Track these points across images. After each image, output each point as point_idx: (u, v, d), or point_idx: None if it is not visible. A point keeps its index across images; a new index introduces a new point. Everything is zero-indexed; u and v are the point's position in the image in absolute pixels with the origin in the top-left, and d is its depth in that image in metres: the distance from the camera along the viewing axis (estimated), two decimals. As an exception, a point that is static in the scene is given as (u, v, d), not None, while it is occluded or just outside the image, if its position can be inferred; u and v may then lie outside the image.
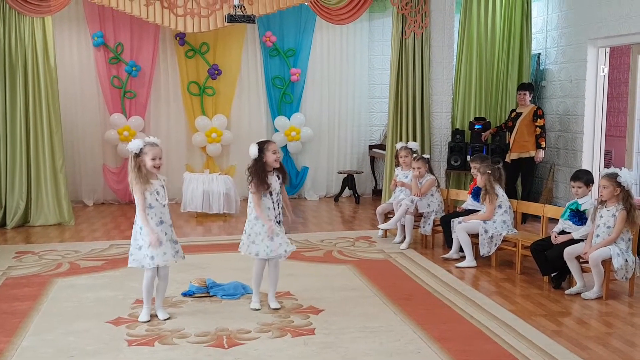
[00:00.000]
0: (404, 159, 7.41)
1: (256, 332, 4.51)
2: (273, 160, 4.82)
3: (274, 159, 4.83)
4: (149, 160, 4.59)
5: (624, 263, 5.21)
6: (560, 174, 8.84)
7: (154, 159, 4.59)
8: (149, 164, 4.59)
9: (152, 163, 4.59)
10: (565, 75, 8.81)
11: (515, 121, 8.45)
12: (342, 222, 8.74)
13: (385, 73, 10.23)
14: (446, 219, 6.84)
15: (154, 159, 4.59)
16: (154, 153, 4.60)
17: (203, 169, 9.80)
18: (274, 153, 4.83)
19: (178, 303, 5.16)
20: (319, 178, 10.72)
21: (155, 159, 4.60)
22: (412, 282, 5.83)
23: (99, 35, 9.51)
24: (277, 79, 10.29)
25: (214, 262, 6.40)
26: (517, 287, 5.74)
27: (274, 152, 4.84)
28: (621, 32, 7.67)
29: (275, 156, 4.83)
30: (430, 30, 8.82)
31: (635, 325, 4.76)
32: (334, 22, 8.81)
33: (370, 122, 10.88)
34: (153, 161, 4.59)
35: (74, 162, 9.72)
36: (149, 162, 4.59)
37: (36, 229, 8.14)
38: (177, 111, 10.09)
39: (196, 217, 8.81)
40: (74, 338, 4.42)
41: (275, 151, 4.85)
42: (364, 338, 4.41)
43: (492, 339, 4.40)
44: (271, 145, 4.85)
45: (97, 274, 6.06)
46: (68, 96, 9.38)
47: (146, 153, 4.59)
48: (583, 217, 5.61)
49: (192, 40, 9.83)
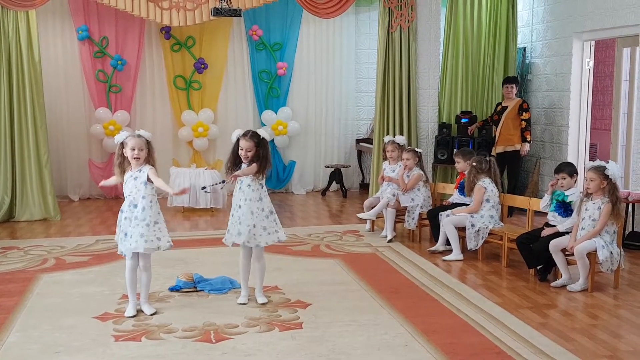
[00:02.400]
0: (391, 153, 7.43)
1: (244, 327, 4.51)
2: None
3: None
4: (129, 151, 4.64)
5: (609, 255, 5.25)
6: (545, 167, 8.89)
7: (132, 149, 4.62)
8: (128, 154, 4.65)
9: (130, 153, 4.64)
10: (550, 69, 8.86)
11: (500, 115, 8.49)
12: (329, 216, 8.74)
13: (372, 67, 10.23)
14: (433, 212, 6.86)
15: (133, 149, 4.62)
16: (132, 144, 4.63)
17: (190, 163, 9.77)
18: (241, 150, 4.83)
19: (165, 298, 5.15)
20: (306, 172, 10.71)
21: (134, 149, 4.62)
22: (399, 275, 5.85)
23: (83, 29, 9.43)
24: (263, 72, 10.26)
25: (201, 256, 6.38)
26: (503, 279, 5.78)
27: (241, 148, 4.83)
28: (606, 25, 7.71)
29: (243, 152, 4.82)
30: (416, 23, 8.82)
31: (621, 317, 4.80)
32: (320, 15, 8.79)
33: (357, 116, 10.88)
34: (132, 152, 4.63)
35: (59, 157, 9.65)
36: (129, 153, 4.64)
37: (21, 224, 8.08)
38: (163, 105, 10.04)
39: (183, 211, 8.78)
40: (60, 334, 4.40)
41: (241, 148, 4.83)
42: (352, 332, 4.42)
43: (479, 332, 4.43)
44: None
45: (83, 269, 6.02)
46: (53, 91, 9.30)
47: (126, 144, 4.65)
48: (569, 208, 5.64)
49: (178, 34, 9.77)
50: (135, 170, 4.67)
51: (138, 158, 4.64)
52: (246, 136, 4.81)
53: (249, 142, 4.79)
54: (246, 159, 4.80)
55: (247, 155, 4.78)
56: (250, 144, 4.78)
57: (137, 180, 4.65)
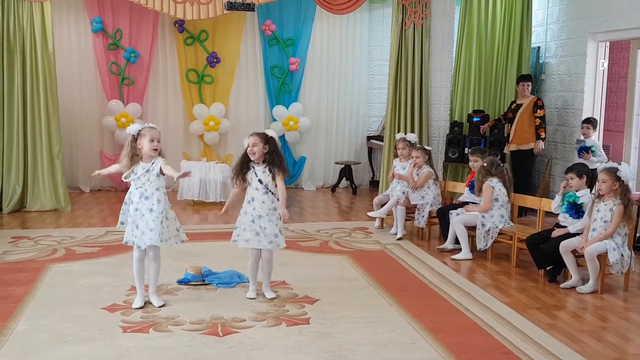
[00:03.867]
0: (402, 151, 7.42)
1: (251, 321, 4.51)
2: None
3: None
4: (147, 142, 4.53)
5: (620, 257, 5.21)
6: (557, 167, 8.84)
7: (152, 140, 4.54)
8: (146, 147, 4.54)
9: (150, 145, 4.53)
10: (564, 69, 8.80)
11: (515, 112, 8.45)
12: (338, 213, 8.74)
13: (384, 64, 10.20)
14: (443, 210, 6.84)
15: (152, 140, 4.54)
16: (152, 135, 4.55)
17: (200, 157, 9.79)
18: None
19: (173, 290, 5.16)
20: (316, 168, 10.71)
21: (153, 140, 4.54)
22: (407, 273, 5.83)
23: (97, 21, 9.46)
24: (276, 68, 10.26)
25: (209, 250, 6.39)
26: (512, 280, 5.75)
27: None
28: (621, 26, 7.65)
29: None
30: (430, 21, 8.79)
31: (630, 319, 4.77)
32: (334, 11, 8.77)
33: (369, 113, 10.86)
34: (151, 143, 4.53)
35: (71, 148, 9.70)
36: (147, 145, 4.53)
37: (32, 214, 8.13)
38: (175, 99, 10.06)
39: (193, 205, 8.80)
40: (68, 324, 4.42)
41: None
42: (359, 328, 4.42)
43: (487, 331, 4.41)
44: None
45: (92, 260, 6.05)
46: (66, 82, 9.35)
47: (144, 135, 4.54)
48: (580, 210, 5.61)
49: (191, 28, 9.79)
50: (148, 163, 4.63)
51: (156, 149, 4.59)
52: (252, 134, 4.82)
53: (254, 137, 4.78)
54: (252, 155, 4.79)
55: (254, 151, 4.75)
56: (255, 138, 4.77)
57: (151, 173, 4.59)
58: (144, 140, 4.55)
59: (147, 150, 4.56)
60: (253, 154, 4.77)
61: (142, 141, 4.55)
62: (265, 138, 4.79)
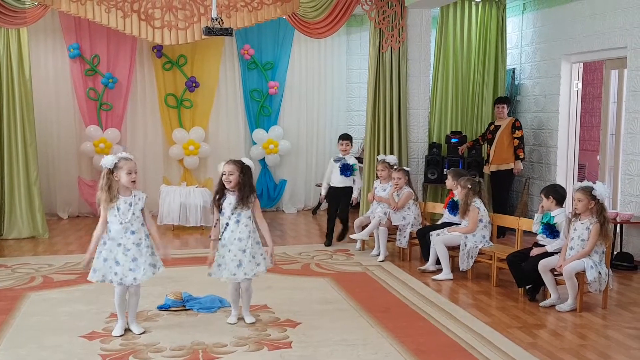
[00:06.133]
0: (381, 172, 7.46)
1: (232, 346, 4.48)
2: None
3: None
4: (125, 175, 4.49)
5: (598, 275, 5.27)
6: (534, 187, 8.94)
7: (129, 173, 4.50)
8: (124, 179, 4.49)
9: (128, 178, 4.49)
10: (539, 90, 8.94)
11: (494, 134, 8.55)
12: (319, 235, 8.73)
13: (362, 87, 10.29)
14: (423, 231, 6.87)
15: (130, 173, 4.50)
16: (129, 167, 4.50)
17: (180, 181, 9.76)
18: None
19: (153, 317, 5.11)
20: (297, 191, 10.72)
21: (130, 172, 4.51)
22: (389, 294, 5.84)
23: (75, 47, 9.45)
24: (255, 91, 10.30)
25: (190, 275, 6.34)
26: (493, 299, 5.78)
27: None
28: (594, 48, 7.82)
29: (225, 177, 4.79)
30: (407, 44, 8.89)
31: (609, 337, 4.81)
32: (312, 35, 8.85)
33: (348, 135, 10.89)
34: (129, 175, 4.49)
35: (49, 175, 9.63)
36: (125, 177, 4.49)
37: (9, 242, 8.02)
38: (154, 123, 10.05)
39: (173, 230, 8.76)
40: (47, 353, 4.35)
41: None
42: (342, 351, 4.40)
43: (469, 352, 4.42)
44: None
45: (71, 287, 5.98)
46: (43, 108, 9.30)
47: (121, 167, 4.49)
48: (555, 230, 5.67)
49: (170, 53, 9.81)
50: (129, 196, 4.58)
51: (134, 181, 4.54)
52: (229, 161, 4.81)
53: (230, 166, 4.76)
54: (228, 184, 4.77)
55: (229, 179, 4.74)
56: (231, 167, 4.75)
57: (135, 207, 4.54)
58: (121, 172, 4.49)
59: (125, 183, 4.51)
60: (229, 182, 4.77)
61: (120, 173, 4.50)
62: (241, 166, 4.79)
